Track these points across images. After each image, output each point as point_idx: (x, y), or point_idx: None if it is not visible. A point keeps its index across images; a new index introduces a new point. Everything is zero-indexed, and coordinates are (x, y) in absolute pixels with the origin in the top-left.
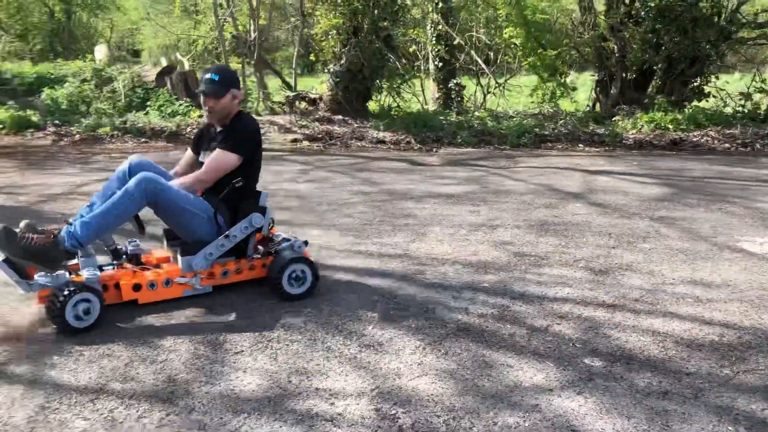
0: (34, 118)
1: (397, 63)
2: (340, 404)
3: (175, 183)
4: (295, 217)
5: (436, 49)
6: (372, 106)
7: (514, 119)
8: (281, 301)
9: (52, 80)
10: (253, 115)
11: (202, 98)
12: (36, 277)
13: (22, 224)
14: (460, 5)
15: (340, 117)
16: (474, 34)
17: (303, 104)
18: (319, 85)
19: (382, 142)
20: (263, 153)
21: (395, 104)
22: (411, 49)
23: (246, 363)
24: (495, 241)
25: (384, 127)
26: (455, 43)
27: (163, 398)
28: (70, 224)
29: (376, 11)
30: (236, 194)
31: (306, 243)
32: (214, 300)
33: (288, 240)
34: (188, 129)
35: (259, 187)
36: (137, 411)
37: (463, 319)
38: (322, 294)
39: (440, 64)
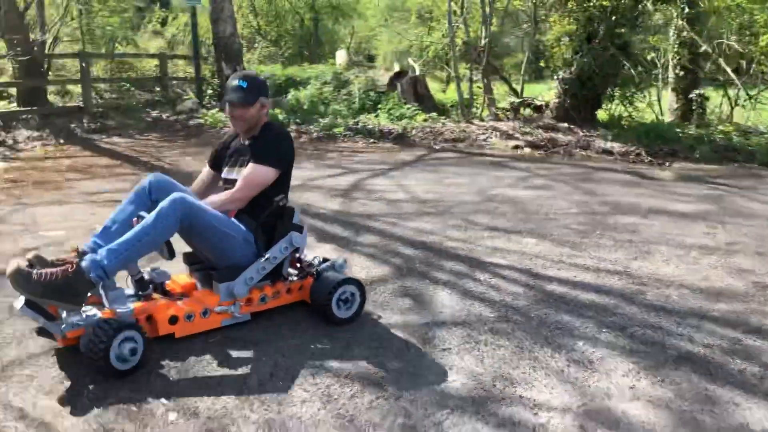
0: (281, 117)
1: (633, 71)
2: (543, 416)
3: (205, 203)
4: (511, 225)
5: (678, 57)
6: (601, 114)
7: (766, 135)
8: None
9: (297, 82)
10: (476, 121)
11: (227, 107)
12: (64, 315)
13: (29, 256)
14: (711, 11)
15: (565, 125)
16: (724, 41)
17: (528, 111)
18: (546, 92)
19: (608, 152)
20: None
21: (627, 113)
22: (649, 57)
23: (453, 361)
24: (731, 267)
25: (612, 137)
26: (701, 50)
27: (375, 382)
28: (81, 253)
29: (614, 17)
30: (273, 212)
31: (346, 261)
32: (424, 296)
33: (326, 259)
34: (413, 132)
35: (475, 193)
36: (350, 390)
37: (686, 347)
38: (532, 304)
39: (681, 73)
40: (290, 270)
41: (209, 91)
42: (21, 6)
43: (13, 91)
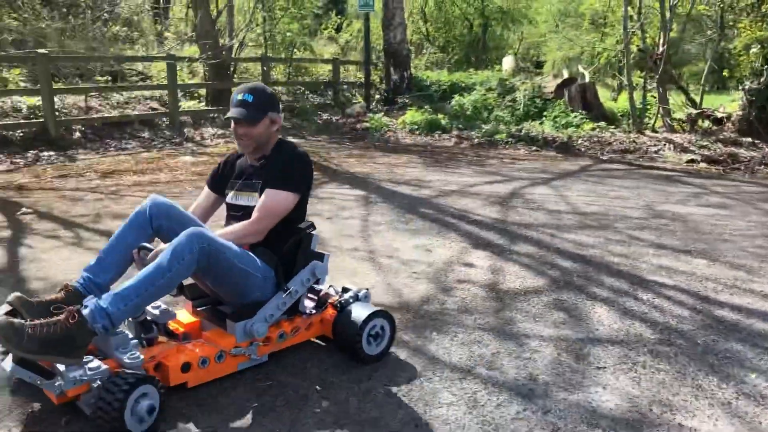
0: (443, 122)
1: None
2: None
3: (218, 235)
4: (680, 243)
5: None
6: None
7: None
8: (360, 362)
9: (462, 88)
10: (648, 132)
11: (232, 125)
12: (62, 369)
13: (10, 298)
14: None
15: (748, 139)
16: None
17: (706, 123)
18: (728, 104)
19: None
20: None
21: None
22: None
23: (607, 380)
24: None
25: None
26: None
27: (523, 393)
28: (73, 290)
29: None
30: (294, 241)
31: (369, 292)
32: (580, 311)
33: (347, 289)
34: (579, 141)
35: (642, 208)
36: (497, 399)
37: None
38: (699, 328)
39: None
40: (306, 302)
41: (377, 96)
42: (213, 13)
43: (202, 91)
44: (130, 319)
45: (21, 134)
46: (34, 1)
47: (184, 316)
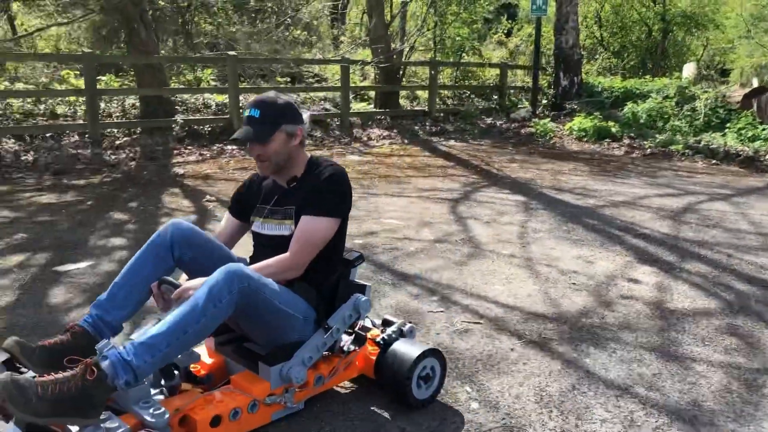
0: (613, 130)
1: None
2: None
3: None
4: None
5: None
6: None
7: None
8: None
9: (636, 95)
10: None
11: (248, 146)
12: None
13: (7, 344)
14: None
15: None
16: None
17: None
18: None
19: None
20: None
21: None
22: None
23: None
24: None
25: None
26: None
27: (684, 419)
28: (81, 331)
29: None
30: (332, 272)
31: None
32: (756, 338)
33: (390, 322)
34: (767, 156)
35: None
36: (656, 421)
37: None
38: None
39: None
40: (343, 336)
41: (543, 101)
42: (387, 18)
43: (372, 93)
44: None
45: (209, 129)
46: (228, 7)
47: (204, 353)
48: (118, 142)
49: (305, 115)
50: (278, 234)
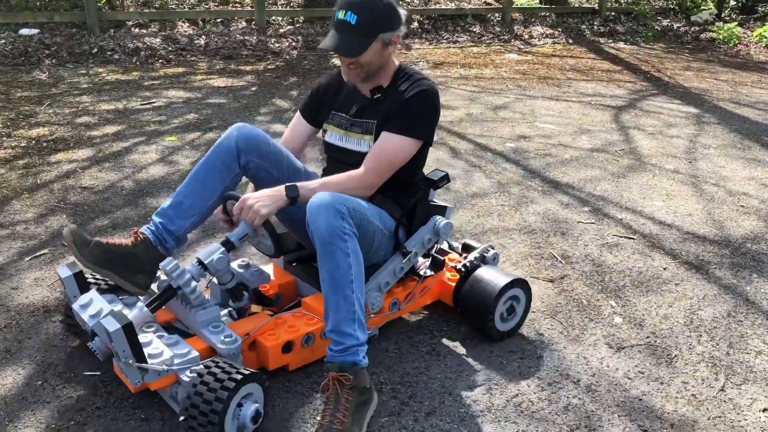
0: None
1: None
2: None
3: (316, 186)
4: None
5: None
6: None
7: None
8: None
9: None
10: None
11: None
12: (149, 361)
13: (65, 230)
14: None
15: None
16: None
17: None
18: None
19: None
20: None
21: None
22: None
23: None
24: None
25: None
26: None
27: None
28: (140, 236)
29: None
30: (412, 194)
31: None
32: None
33: (470, 247)
34: None
35: None
36: None
37: None
38: None
39: None
40: (419, 259)
41: (731, 3)
42: None
43: None
44: (220, 285)
45: None
46: None
47: (271, 270)
48: (281, 30)
49: (403, 15)
50: (357, 150)
